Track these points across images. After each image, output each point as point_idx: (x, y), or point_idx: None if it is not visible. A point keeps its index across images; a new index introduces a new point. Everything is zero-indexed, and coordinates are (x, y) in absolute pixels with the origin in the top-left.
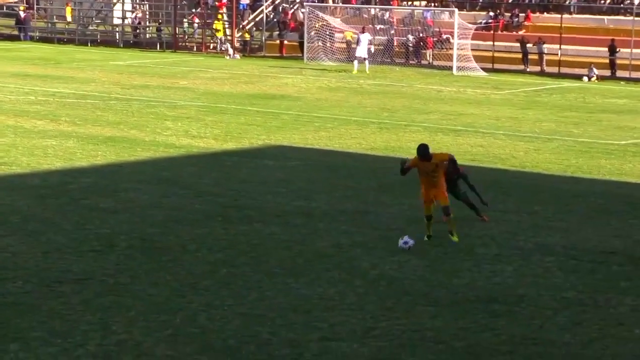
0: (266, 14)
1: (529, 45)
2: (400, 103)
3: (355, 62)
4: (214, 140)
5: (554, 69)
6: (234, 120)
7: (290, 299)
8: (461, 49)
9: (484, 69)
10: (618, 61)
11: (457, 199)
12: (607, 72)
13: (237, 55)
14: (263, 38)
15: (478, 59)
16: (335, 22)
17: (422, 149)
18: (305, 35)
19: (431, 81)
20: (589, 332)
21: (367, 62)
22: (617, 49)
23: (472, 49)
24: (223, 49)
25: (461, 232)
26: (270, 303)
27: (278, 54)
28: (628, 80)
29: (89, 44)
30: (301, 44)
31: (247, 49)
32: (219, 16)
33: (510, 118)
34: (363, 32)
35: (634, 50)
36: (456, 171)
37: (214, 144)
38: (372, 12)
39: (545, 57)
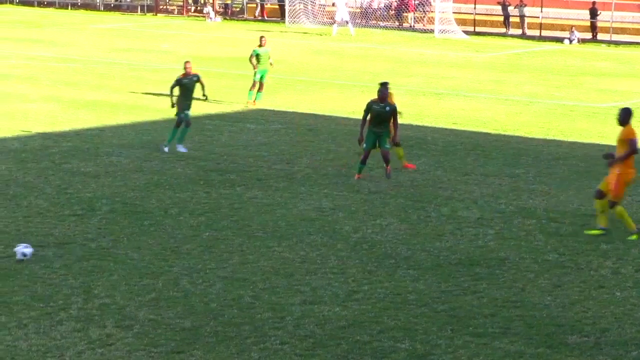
0: None
1: (510, 7)
2: (382, 66)
3: (335, 25)
4: (196, 104)
5: (535, 32)
6: (216, 84)
7: (272, 262)
8: (443, 12)
9: (466, 32)
10: (599, 24)
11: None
12: (588, 35)
13: (218, 19)
14: (244, 1)
15: (459, 22)
16: None
17: None
18: None
19: (413, 44)
20: (570, 294)
21: (350, 25)
22: (598, 12)
23: (453, 12)
24: (205, 12)
25: (443, 196)
26: (252, 267)
27: (259, 17)
28: (609, 43)
29: (69, 7)
30: (282, 7)
31: (228, 12)
32: None
33: (492, 81)
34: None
35: (615, 13)
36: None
37: (195, 107)
38: None
39: (527, 20)
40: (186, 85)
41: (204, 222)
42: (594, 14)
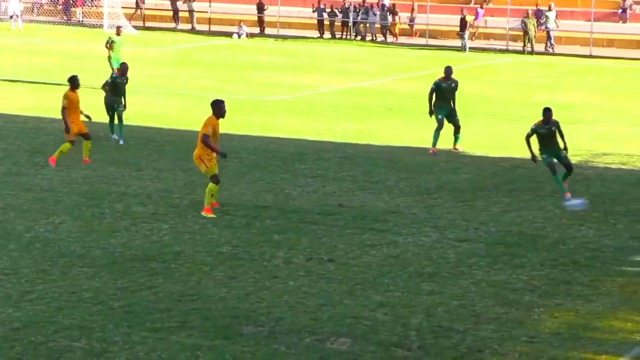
0: None
1: (179, 3)
2: (51, 62)
3: (12, 20)
4: None
5: (205, 27)
6: None
7: None
8: (112, 7)
9: (135, 27)
10: (266, 18)
11: None
12: (257, 30)
13: None
14: None
15: (128, 16)
16: None
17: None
18: None
19: (83, 39)
20: (245, 285)
21: (19, 19)
22: (265, 7)
23: (122, 7)
24: None
25: (117, 192)
26: None
27: None
28: (276, 37)
29: None
30: None
31: None
32: None
33: (163, 76)
34: None
35: (282, 8)
36: None
37: None
38: None
39: (196, 15)
40: None
41: None
42: (261, 8)
